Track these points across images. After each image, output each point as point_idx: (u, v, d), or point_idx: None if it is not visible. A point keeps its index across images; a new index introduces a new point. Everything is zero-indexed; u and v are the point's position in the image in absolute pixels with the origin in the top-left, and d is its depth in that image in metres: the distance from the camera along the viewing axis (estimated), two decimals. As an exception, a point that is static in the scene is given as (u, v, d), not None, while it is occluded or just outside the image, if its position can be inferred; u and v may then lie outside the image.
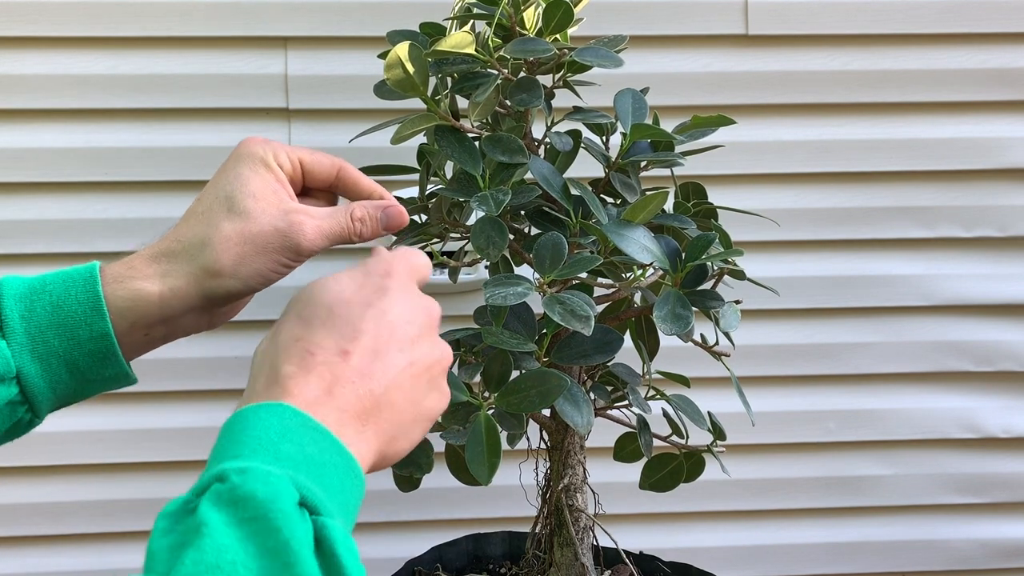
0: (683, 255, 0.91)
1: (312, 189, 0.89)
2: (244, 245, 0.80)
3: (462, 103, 0.97)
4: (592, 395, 1.01)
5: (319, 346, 0.67)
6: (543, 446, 1.07)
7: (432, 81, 0.92)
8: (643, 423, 1.02)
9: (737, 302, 0.99)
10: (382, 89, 0.93)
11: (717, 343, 1.00)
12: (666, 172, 1.06)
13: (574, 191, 0.92)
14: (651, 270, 0.94)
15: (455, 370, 0.89)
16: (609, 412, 1.05)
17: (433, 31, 0.98)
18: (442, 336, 0.91)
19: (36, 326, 0.76)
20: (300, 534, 0.56)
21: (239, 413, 0.64)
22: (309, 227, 0.82)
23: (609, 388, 1.05)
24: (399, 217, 0.86)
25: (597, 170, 1.00)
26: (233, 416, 0.64)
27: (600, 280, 0.96)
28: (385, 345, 0.68)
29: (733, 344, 1.01)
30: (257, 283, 0.81)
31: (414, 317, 0.71)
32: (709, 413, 1.06)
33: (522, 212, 0.97)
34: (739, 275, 0.98)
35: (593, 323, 0.83)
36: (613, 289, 0.97)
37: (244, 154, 0.85)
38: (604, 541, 1.09)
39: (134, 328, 0.79)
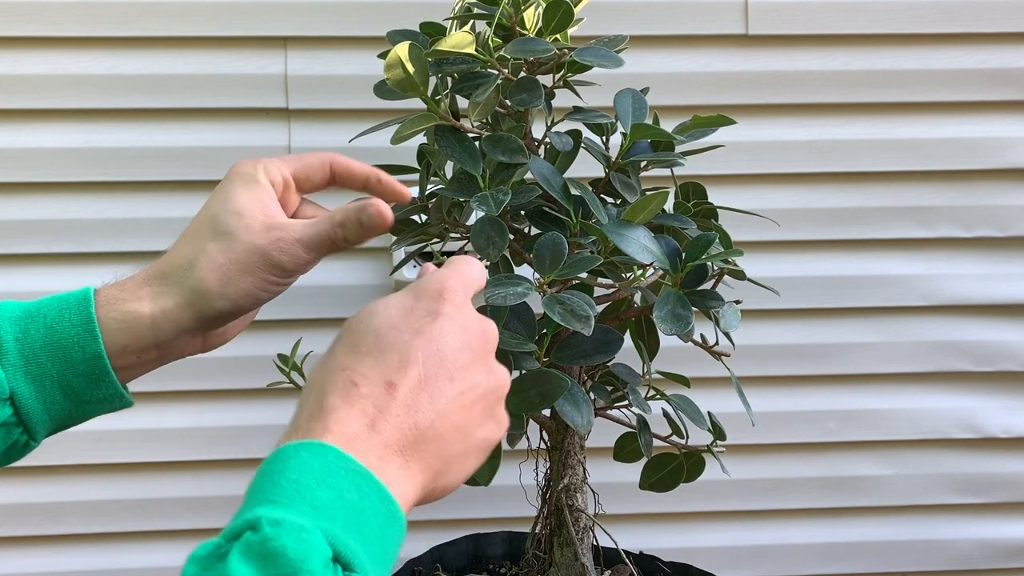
0: (683, 255, 0.91)
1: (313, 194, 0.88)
2: (229, 265, 0.79)
3: (462, 103, 0.97)
4: (592, 395, 1.01)
5: (364, 376, 0.64)
6: (543, 446, 1.07)
7: (432, 81, 0.92)
8: (643, 423, 1.02)
9: (737, 302, 0.98)
10: (382, 89, 0.93)
11: (717, 343, 1.00)
12: (666, 172, 1.06)
13: (574, 191, 0.92)
14: (651, 270, 0.94)
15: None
16: (609, 412, 1.05)
17: (433, 31, 0.98)
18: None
19: (30, 348, 0.76)
20: None
21: (280, 451, 0.61)
22: (288, 243, 0.80)
23: (609, 388, 1.04)
24: (378, 217, 0.80)
25: (597, 170, 1.00)
26: (274, 453, 0.61)
27: (600, 280, 0.96)
28: (434, 375, 0.65)
29: (733, 344, 1.01)
30: (247, 303, 0.80)
31: (467, 343, 0.67)
32: (709, 413, 1.05)
33: (522, 212, 0.97)
34: (739, 275, 0.98)
35: (593, 323, 0.83)
36: (613, 289, 0.97)
37: (234, 174, 0.83)
38: (604, 541, 1.09)
39: (127, 351, 0.78)
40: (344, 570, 0.56)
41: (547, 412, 1.05)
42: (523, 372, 0.89)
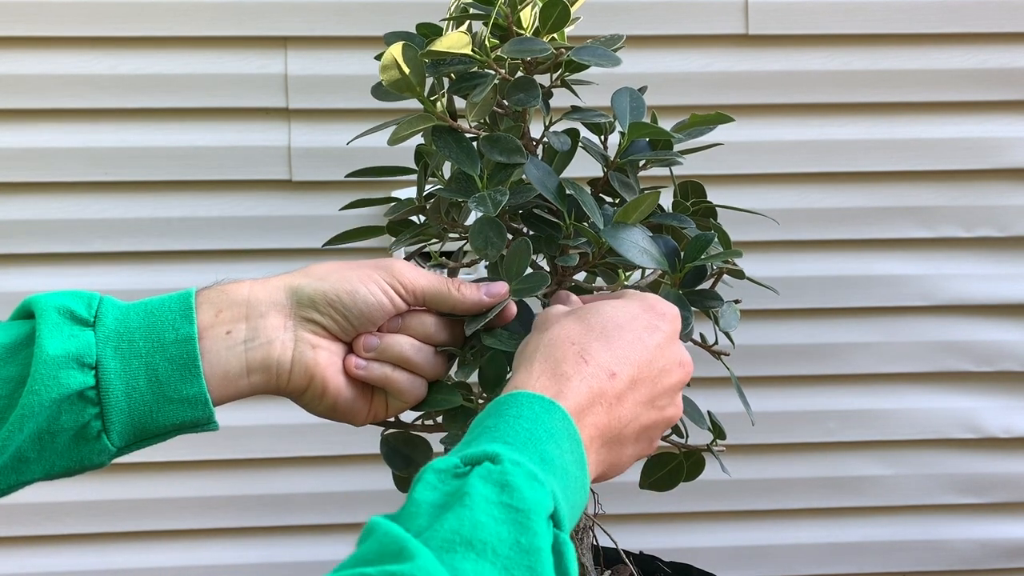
0: (682, 255, 0.90)
1: None
2: (341, 263, 0.82)
3: (460, 103, 0.96)
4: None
5: (593, 357, 0.71)
6: (542, 446, 1.07)
7: (429, 82, 0.92)
8: (642, 423, 1.01)
9: (736, 301, 0.98)
10: (379, 90, 0.92)
11: (716, 343, 1.00)
12: (665, 171, 1.05)
13: (569, 192, 0.91)
14: (648, 269, 0.94)
15: (453, 371, 0.89)
16: (608, 412, 1.04)
17: (430, 32, 0.97)
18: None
19: (126, 327, 0.75)
20: (548, 544, 0.58)
21: (515, 396, 0.67)
22: (404, 262, 0.82)
23: (608, 388, 1.04)
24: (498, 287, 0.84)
25: (596, 169, 1.00)
26: (507, 396, 0.68)
27: (600, 281, 0.96)
28: (641, 381, 0.72)
29: (733, 344, 1.01)
30: (344, 288, 0.79)
31: (671, 369, 0.75)
32: (709, 413, 1.05)
33: (520, 212, 0.97)
34: (738, 274, 0.98)
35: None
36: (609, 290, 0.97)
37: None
38: (604, 541, 1.09)
39: (218, 320, 0.77)
40: (554, 527, 0.60)
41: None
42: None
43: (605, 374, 0.70)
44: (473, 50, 0.89)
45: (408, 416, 0.96)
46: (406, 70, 0.86)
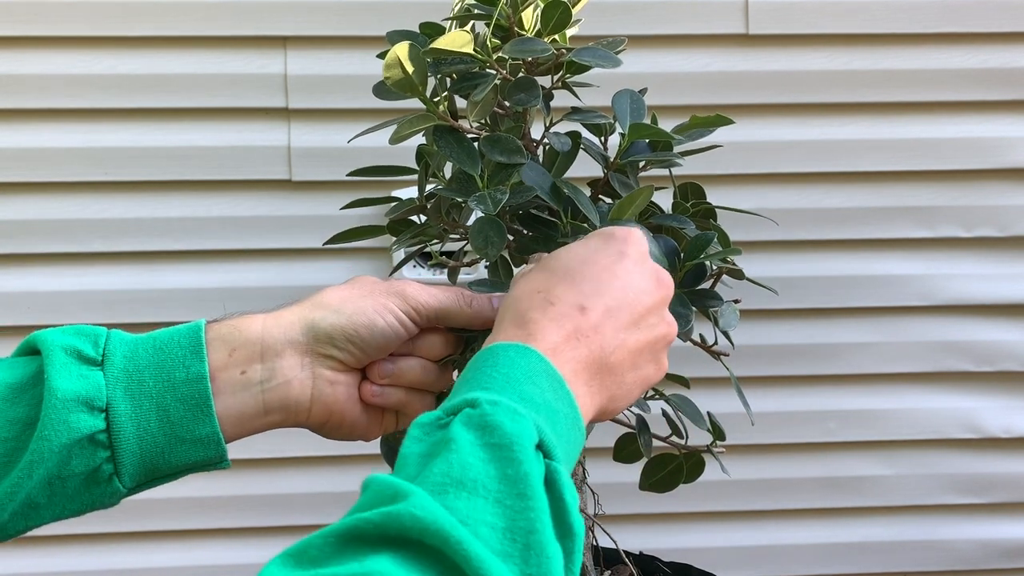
0: (681, 255, 0.90)
1: None
2: (353, 290, 0.81)
3: (461, 103, 0.97)
4: (591, 395, 1.00)
5: (559, 298, 0.71)
6: (542, 446, 1.07)
7: (431, 82, 0.92)
8: (642, 423, 1.01)
9: (736, 301, 0.98)
10: (381, 89, 0.92)
11: (716, 343, 1.00)
12: (665, 172, 1.05)
13: (565, 192, 0.91)
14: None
15: (455, 374, 0.89)
16: (608, 412, 1.04)
17: (432, 31, 0.97)
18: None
19: (135, 365, 0.74)
20: (537, 471, 0.59)
21: (489, 349, 0.68)
22: (414, 283, 0.82)
23: (608, 388, 1.04)
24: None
25: (597, 170, 1.00)
26: (483, 351, 0.69)
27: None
28: (618, 307, 0.72)
29: (732, 344, 1.01)
30: (361, 322, 0.79)
31: (648, 287, 0.75)
32: (709, 413, 1.05)
33: (519, 213, 0.97)
34: (738, 274, 0.98)
35: None
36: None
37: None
38: (604, 541, 1.09)
39: (231, 361, 0.76)
40: (545, 457, 0.61)
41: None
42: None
43: (575, 310, 0.71)
44: (475, 50, 0.89)
45: (408, 416, 0.97)
46: (410, 69, 0.86)
